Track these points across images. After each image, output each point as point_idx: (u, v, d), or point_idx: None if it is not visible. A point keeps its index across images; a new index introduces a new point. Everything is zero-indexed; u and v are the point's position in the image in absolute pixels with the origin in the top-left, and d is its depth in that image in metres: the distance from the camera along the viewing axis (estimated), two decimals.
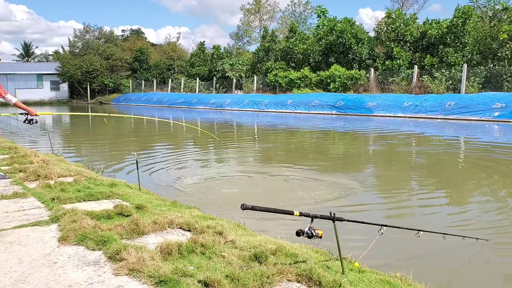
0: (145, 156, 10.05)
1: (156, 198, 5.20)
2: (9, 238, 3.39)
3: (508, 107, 17.56)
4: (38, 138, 14.27)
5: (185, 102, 33.73)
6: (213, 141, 12.90)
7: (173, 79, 43.55)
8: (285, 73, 30.63)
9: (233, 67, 35.56)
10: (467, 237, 4.06)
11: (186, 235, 3.51)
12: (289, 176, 7.55)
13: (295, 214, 2.71)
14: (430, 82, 23.47)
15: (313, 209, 5.30)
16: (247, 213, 3.48)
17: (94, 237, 3.24)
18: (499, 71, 22.07)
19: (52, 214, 3.94)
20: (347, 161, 9.57)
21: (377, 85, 26.11)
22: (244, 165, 9.12)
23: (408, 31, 26.42)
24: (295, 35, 32.99)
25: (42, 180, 5.43)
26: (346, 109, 22.98)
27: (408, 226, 3.82)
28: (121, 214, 4.00)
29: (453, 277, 3.69)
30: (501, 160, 9.30)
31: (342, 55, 28.89)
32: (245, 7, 51.61)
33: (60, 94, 50.48)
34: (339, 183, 7.09)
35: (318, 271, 2.69)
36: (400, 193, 6.58)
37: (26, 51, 63.46)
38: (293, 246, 3.32)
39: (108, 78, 45.95)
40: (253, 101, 28.19)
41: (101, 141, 14.21)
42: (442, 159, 9.74)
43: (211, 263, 2.89)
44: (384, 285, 2.75)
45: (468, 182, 7.24)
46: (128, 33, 61.32)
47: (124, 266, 2.76)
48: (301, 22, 49.76)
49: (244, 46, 51.95)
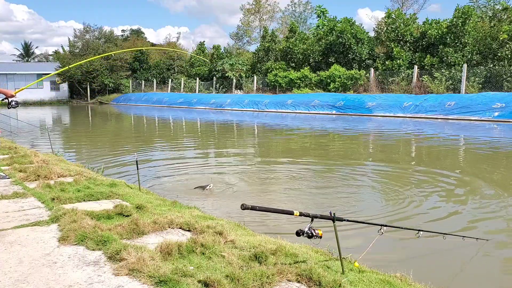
0: (145, 156, 10.05)
1: (156, 198, 5.20)
2: (9, 238, 3.39)
3: (508, 107, 17.56)
4: (38, 138, 14.28)
5: (185, 102, 33.73)
6: (213, 141, 12.90)
7: (173, 79, 43.55)
8: (285, 73, 30.63)
9: (233, 67, 35.56)
10: (467, 237, 4.07)
11: (186, 235, 3.51)
12: (289, 176, 7.55)
13: (295, 214, 2.71)
14: (430, 82, 23.47)
15: (313, 209, 5.31)
16: (247, 213, 3.49)
17: (94, 237, 3.24)
18: (499, 71, 22.06)
19: (52, 214, 3.94)
20: (347, 161, 9.57)
21: (377, 85, 26.11)
22: (244, 165, 9.12)
23: (408, 31, 26.42)
24: (295, 35, 32.98)
25: (42, 180, 5.43)
26: (346, 109, 22.98)
27: (408, 226, 3.82)
28: (121, 214, 4.00)
29: (453, 277, 3.69)
30: (501, 160, 9.30)
31: (342, 55, 28.89)
32: (245, 7, 51.63)
33: (60, 94, 50.47)
34: (339, 182, 7.10)
35: (318, 271, 2.69)
36: (400, 193, 6.58)
37: (26, 51, 63.44)
38: (293, 246, 3.32)
39: (108, 78, 45.93)
40: (253, 101, 28.18)
41: (101, 141, 14.21)
42: (442, 159, 9.74)
43: (211, 263, 2.89)
44: (384, 285, 2.75)
45: (469, 182, 7.23)
46: (128, 33, 61.31)
47: (124, 266, 2.76)
48: (301, 22, 49.73)
49: (244, 46, 51.97)
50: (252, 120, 21.93)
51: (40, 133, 15.51)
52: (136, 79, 46.74)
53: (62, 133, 17.43)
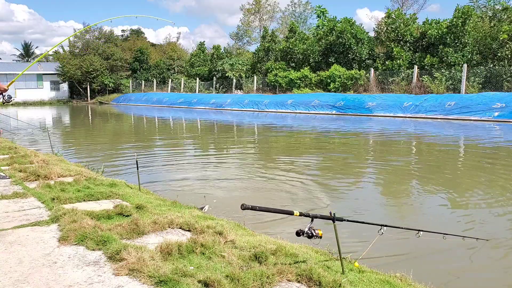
0: (145, 156, 10.05)
1: (156, 198, 5.20)
2: (9, 238, 3.39)
3: (508, 107, 17.55)
4: (38, 138, 14.28)
5: (185, 102, 33.73)
6: (213, 141, 12.89)
7: (173, 79, 43.56)
8: (285, 73, 30.63)
9: (233, 67, 35.56)
10: (467, 237, 4.06)
11: (186, 235, 3.50)
12: (289, 176, 7.54)
13: (295, 214, 2.71)
14: (430, 82, 23.47)
15: (313, 209, 5.31)
16: (247, 213, 3.48)
17: (94, 237, 3.24)
18: (499, 71, 22.06)
19: (52, 214, 3.94)
20: (348, 161, 9.57)
21: (377, 85, 26.11)
22: (245, 165, 9.12)
23: (408, 31, 26.42)
24: (295, 35, 32.98)
25: (42, 180, 5.43)
26: (346, 109, 22.97)
27: (408, 226, 3.82)
28: (121, 214, 4.00)
29: (453, 277, 3.68)
30: (501, 160, 9.30)
31: (342, 55, 28.89)
32: (245, 7, 51.65)
33: (60, 94, 50.50)
34: (339, 182, 7.10)
35: (318, 271, 2.68)
36: (400, 193, 6.58)
37: (26, 51, 63.44)
38: (293, 246, 3.32)
39: (108, 78, 45.94)
40: (253, 101, 28.18)
41: (101, 141, 14.21)
42: (442, 159, 9.74)
43: (211, 263, 2.89)
44: (384, 285, 2.75)
45: (468, 182, 7.23)
46: (128, 33, 61.32)
47: (124, 266, 2.76)
48: (301, 22, 49.75)
49: (244, 46, 51.99)
50: (252, 120, 21.93)
51: (40, 133, 15.51)
52: (136, 79, 46.74)
53: (62, 133, 17.43)
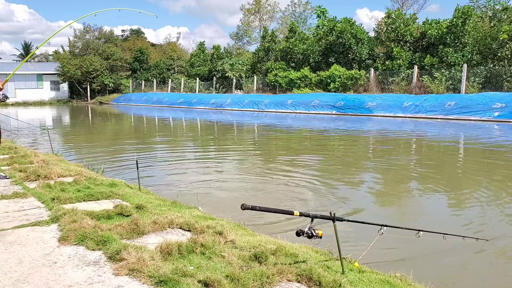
0: (145, 156, 10.05)
1: (156, 198, 5.20)
2: (9, 238, 3.39)
3: (508, 107, 17.55)
4: (38, 138, 14.28)
5: (185, 102, 33.73)
6: (213, 141, 12.89)
7: (173, 79, 43.55)
8: (285, 73, 30.63)
9: (233, 67, 35.56)
10: (467, 237, 4.06)
11: (186, 235, 3.50)
12: (290, 176, 7.54)
13: (295, 214, 2.71)
14: (430, 82, 23.46)
15: (313, 209, 5.31)
16: (247, 213, 3.48)
17: (94, 237, 3.24)
18: (499, 71, 22.06)
19: (52, 214, 3.94)
20: (348, 160, 9.57)
21: (377, 85, 26.11)
22: (245, 165, 9.12)
23: (408, 31, 26.41)
24: (295, 35, 32.97)
25: (42, 180, 5.43)
26: (346, 109, 22.98)
27: (408, 226, 3.82)
28: (121, 214, 4.00)
29: (453, 277, 3.68)
30: (501, 160, 9.30)
31: (342, 55, 28.88)
32: (245, 7, 51.63)
33: (60, 94, 50.50)
34: (339, 182, 7.09)
35: (318, 271, 2.68)
36: (400, 193, 6.58)
37: (26, 51, 63.37)
38: (293, 246, 3.32)
39: (108, 78, 45.92)
40: (253, 101, 28.18)
41: (101, 141, 14.21)
42: (442, 159, 9.74)
43: (211, 263, 2.89)
44: (384, 285, 2.75)
45: (468, 182, 7.23)
46: (128, 33, 61.34)
47: (124, 266, 2.76)
48: (301, 22, 49.73)
49: (244, 46, 51.97)
50: (252, 120, 21.93)
51: (40, 133, 15.51)
52: (136, 79, 46.74)
53: (62, 133, 17.42)
